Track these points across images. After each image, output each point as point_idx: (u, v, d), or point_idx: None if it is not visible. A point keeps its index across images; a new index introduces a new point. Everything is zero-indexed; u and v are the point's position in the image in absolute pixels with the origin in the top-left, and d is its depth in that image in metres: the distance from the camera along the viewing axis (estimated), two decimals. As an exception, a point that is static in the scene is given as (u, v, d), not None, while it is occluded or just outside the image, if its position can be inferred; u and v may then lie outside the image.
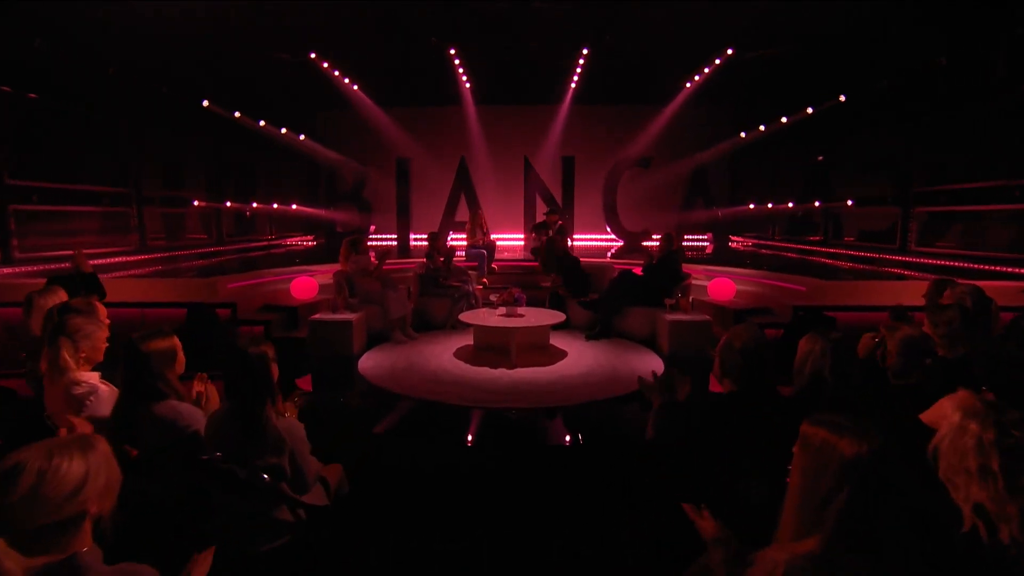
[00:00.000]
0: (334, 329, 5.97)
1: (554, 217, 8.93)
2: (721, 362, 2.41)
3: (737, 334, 2.37)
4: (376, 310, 6.55)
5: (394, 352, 6.12)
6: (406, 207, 11.66)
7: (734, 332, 2.39)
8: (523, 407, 4.64)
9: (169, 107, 8.74)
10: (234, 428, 2.40)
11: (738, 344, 2.34)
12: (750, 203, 11.63)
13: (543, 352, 6.05)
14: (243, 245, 10.52)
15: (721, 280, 6.87)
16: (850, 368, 2.50)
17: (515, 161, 11.82)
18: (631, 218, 11.72)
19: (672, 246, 6.74)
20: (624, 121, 12.02)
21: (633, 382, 5.16)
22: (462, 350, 6.17)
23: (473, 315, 6.25)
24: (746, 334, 2.35)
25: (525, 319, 5.96)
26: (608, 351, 6.17)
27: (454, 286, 7.34)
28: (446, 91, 11.27)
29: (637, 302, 6.63)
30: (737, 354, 2.33)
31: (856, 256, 8.84)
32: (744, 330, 2.37)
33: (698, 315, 6.22)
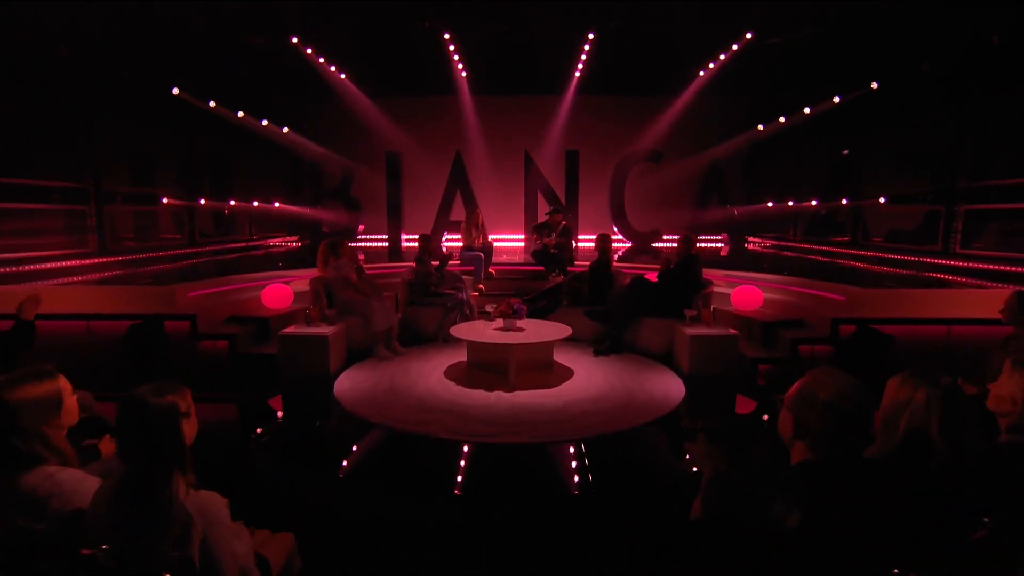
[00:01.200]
0: (307, 345, 5.37)
1: (557, 217, 8.36)
2: (796, 420, 1.79)
3: (822, 383, 1.74)
4: (358, 322, 5.96)
5: (376, 370, 5.52)
6: (397, 206, 11.36)
7: (817, 380, 1.76)
8: (523, 442, 4.02)
9: (133, 94, 8.13)
10: (126, 508, 1.79)
11: (824, 396, 1.72)
12: (768, 201, 11.09)
13: (546, 371, 5.47)
14: (218, 247, 9.93)
15: (746, 287, 6.26)
16: (969, 428, 1.88)
17: (515, 156, 11.50)
18: (640, 217, 11.41)
19: (692, 249, 6.15)
20: (632, 113, 11.60)
21: (651, 408, 4.56)
22: (454, 368, 5.58)
23: (466, 328, 5.66)
24: (838, 385, 1.72)
25: (525, 334, 5.36)
26: (620, 370, 5.58)
27: (446, 294, 6.75)
28: (440, 80, 10.88)
29: (652, 313, 6.07)
30: (824, 412, 1.70)
31: (890, 259, 8.23)
32: (833, 379, 1.74)
33: (722, 328, 5.61)
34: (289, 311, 6.33)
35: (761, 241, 11.77)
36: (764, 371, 5.41)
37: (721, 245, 11.96)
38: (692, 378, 5.34)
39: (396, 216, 11.29)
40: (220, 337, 5.44)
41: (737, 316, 6.21)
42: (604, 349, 6.04)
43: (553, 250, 8.04)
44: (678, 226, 11.06)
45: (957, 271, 6.89)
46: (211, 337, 5.43)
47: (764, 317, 5.97)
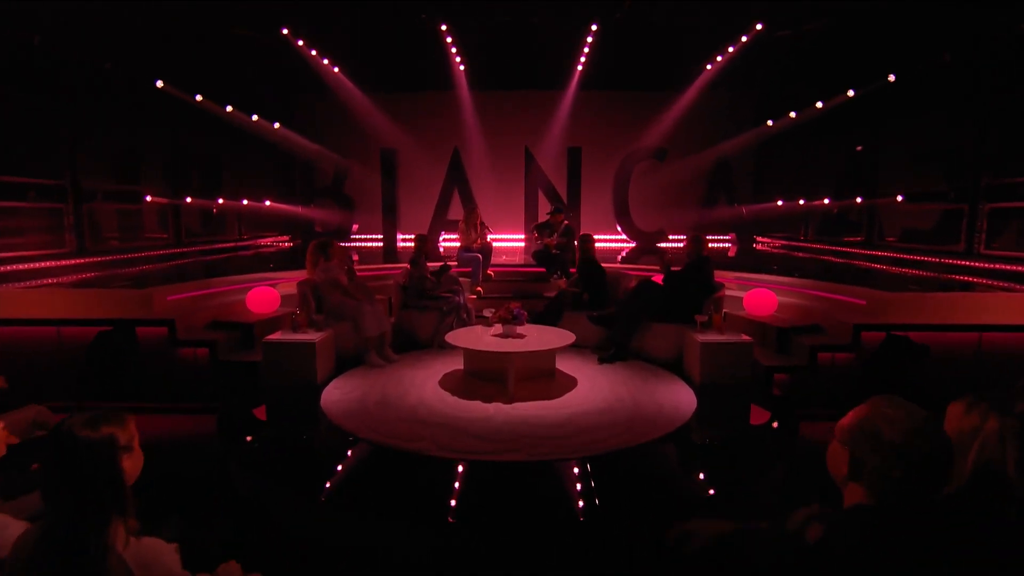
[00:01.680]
0: (293, 352, 5.10)
1: (559, 216, 8.12)
2: (854, 459, 1.51)
3: (888, 419, 1.45)
4: (348, 327, 5.69)
5: (367, 379, 5.26)
6: (392, 205, 11.22)
7: (881, 415, 1.48)
8: (522, 460, 3.75)
9: (115, 87, 7.85)
10: (51, 561, 1.53)
11: (890, 435, 1.44)
12: (778, 200, 10.85)
13: (548, 380, 5.20)
14: (205, 247, 9.66)
15: (760, 291, 6.00)
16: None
17: (515, 153, 11.34)
18: (645, 217, 11.25)
19: (702, 250, 5.88)
20: (637, 108, 11.36)
21: (661, 421, 4.29)
22: (450, 377, 5.31)
23: (463, 334, 5.40)
24: (909, 422, 1.43)
25: (526, 341, 5.10)
26: (627, 378, 5.31)
27: (442, 297, 6.49)
28: (437, 74, 10.71)
29: (660, 318, 5.79)
30: (890, 456, 1.43)
31: (908, 260, 7.96)
32: (901, 414, 1.45)
33: (735, 335, 5.34)
34: (275, 316, 6.07)
35: (770, 241, 11.54)
36: (780, 380, 5.15)
37: (729, 245, 11.72)
38: (703, 388, 5.08)
39: (391, 215, 11.12)
40: (200, 344, 5.17)
41: (750, 321, 5.95)
42: (609, 356, 5.78)
43: (555, 251, 7.83)
44: (684, 225, 11.25)
45: (982, 272, 6.63)
46: (190, 344, 5.16)
47: (779, 322, 5.71)
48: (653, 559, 1.93)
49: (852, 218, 9.89)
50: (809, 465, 3.94)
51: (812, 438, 4.36)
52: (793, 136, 10.27)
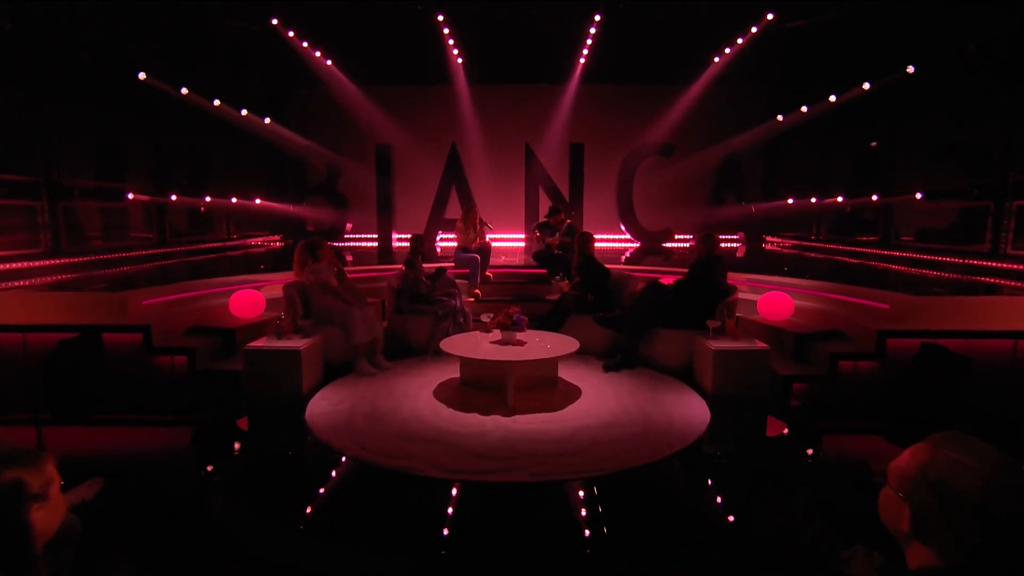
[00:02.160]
0: (277, 360, 4.83)
1: (560, 215, 7.86)
2: (917, 515, 1.23)
3: (959, 469, 1.16)
4: (337, 333, 5.44)
5: (357, 389, 4.99)
6: (388, 203, 10.95)
7: (949, 462, 1.18)
8: (523, 481, 3.48)
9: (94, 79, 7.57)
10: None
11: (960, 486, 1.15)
12: (788, 197, 10.58)
13: (550, 390, 4.95)
14: (191, 247, 9.41)
15: (775, 294, 5.72)
16: None
17: (515, 149, 11.10)
18: (650, 215, 11.03)
19: (714, 250, 5.61)
20: (642, 102, 11.19)
21: (673, 436, 4.02)
22: (445, 387, 5.05)
23: (460, 341, 5.13)
24: (986, 473, 1.15)
25: (527, 348, 4.84)
26: (635, 388, 5.05)
27: (438, 300, 6.22)
28: (434, 67, 10.54)
29: (669, 323, 5.53)
30: (964, 514, 1.14)
31: (929, 261, 7.69)
32: (975, 461, 1.16)
33: (750, 341, 5.07)
34: (260, 321, 5.79)
35: (781, 241, 11.29)
36: (798, 390, 4.88)
37: (737, 245, 11.47)
38: (716, 398, 4.81)
39: (387, 214, 10.85)
40: (177, 351, 4.91)
41: (765, 326, 5.68)
42: (615, 364, 5.52)
43: (556, 251, 7.57)
44: (690, 225, 11.03)
45: (1010, 274, 6.35)
46: (167, 351, 4.90)
47: (796, 328, 5.44)
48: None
49: (866, 217, 9.64)
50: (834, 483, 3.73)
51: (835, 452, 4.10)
52: (805, 131, 10.04)
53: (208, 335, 5.31)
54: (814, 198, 10.07)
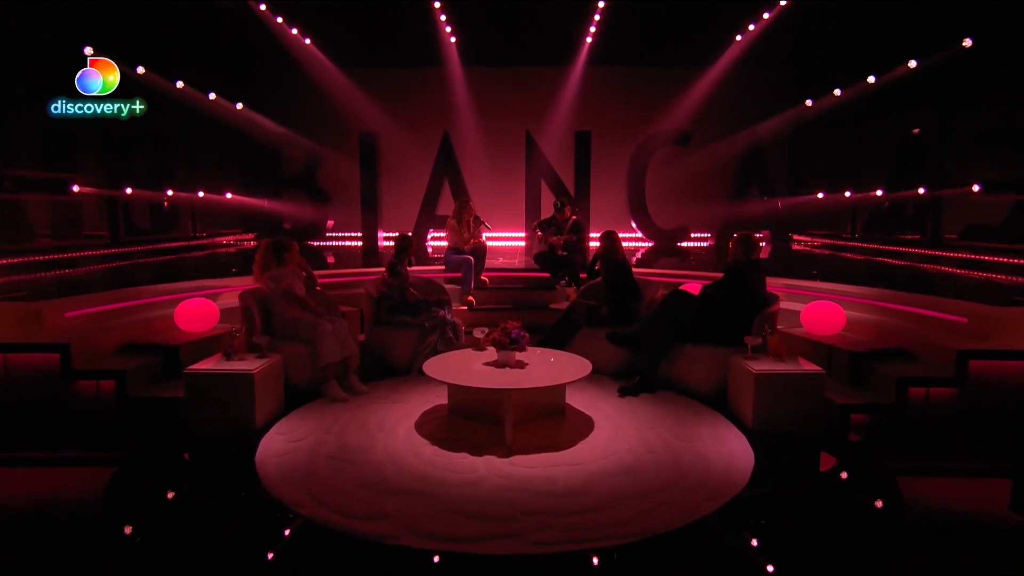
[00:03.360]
0: (224, 386, 4.17)
1: (566, 211, 7.29)
2: None
3: None
4: (303, 351, 4.79)
5: (324, 420, 4.33)
6: (373, 197, 10.68)
7: None
8: (524, 553, 2.80)
9: (30, 55, 6.95)
10: None
11: None
12: (818, 191, 10.33)
13: (557, 421, 4.30)
14: (149, 247, 8.88)
15: (823, 303, 5.08)
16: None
17: (514, 138, 10.71)
18: (664, 211, 10.85)
19: (752, 252, 4.96)
20: (655, 86, 11.12)
21: (714, 486, 3.37)
22: (430, 417, 4.40)
23: (448, 362, 4.49)
24: None
25: (528, 372, 4.19)
26: (658, 419, 4.39)
27: (422, 305, 5.59)
28: (425, 47, 10.47)
29: (697, 338, 4.88)
30: None
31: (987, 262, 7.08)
32: None
33: (799, 364, 4.40)
34: (213, 335, 5.13)
35: (810, 240, 10.95)
36: (859, 423, 4.23)
37: (763, 244, 11.07)
38: (759, 433, 4.14)
39: (372, 210, 10.58)
40: (104, 375, 4.23)
41: (810, 342, 5.02)
42: (632, 387, 4.88)
43: (561, 252, 6.99)
44: (709, 222, 10.95)
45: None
46: (91, 375, 4.23)
47: (851, 345, 4.77)
48: None
49: (907, 213, 9.14)
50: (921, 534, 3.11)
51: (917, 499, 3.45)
52: (837, 117, 9.70)
53: (146, 354, 4.63)
54: (848, 192, 9.71)
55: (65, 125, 8.05)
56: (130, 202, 9.02)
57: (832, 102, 9.43)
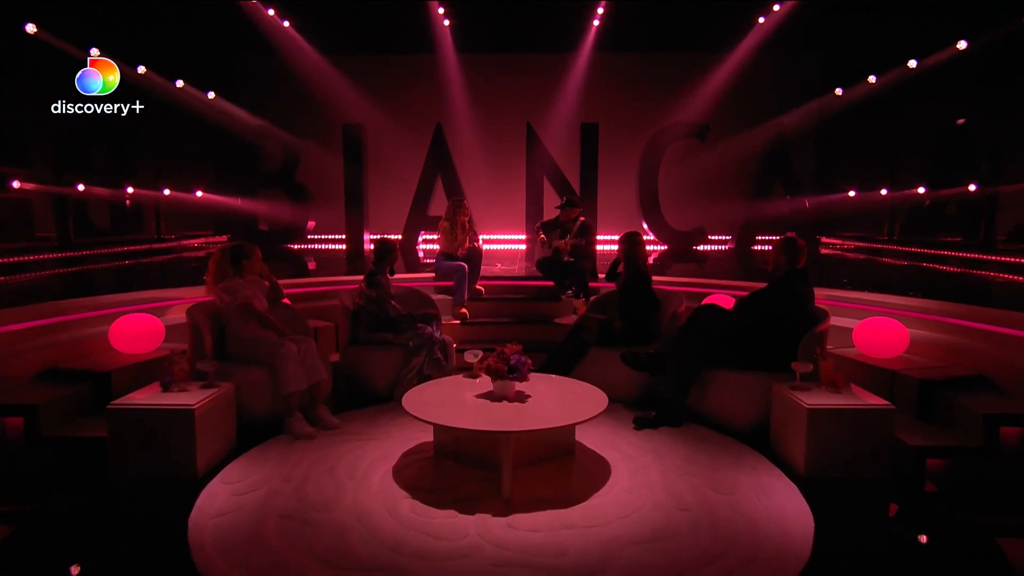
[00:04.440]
0: (158, 426, 3.55)
1: (572, 211, 6.74)
2: None
3: None
4: (261, 377, 4.20)
5: (283, 464, 3.72)
6: (359, 196, 10.09)
7: None
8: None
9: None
10: None
11: None
12: (849, 189, 9.99)
13: (565, 464, 3.70)
14: (105, 250, 8.48)
15: (881, 321, 4.49)
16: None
17: (514, 131, 10.19)
18: (679, 211, 10.29)
19: (797, 259, 4.37)
20: (670, 74, 11.01)
21: (765, 558, 2.74)
22: (411, 460, 3.79)
23: (433, 392, 3.90)
24: None
25: (530, 408, 3.60)
26: (686, 460, 3.80)
27: (409, 321, 5.00)
28: (416, 32, 10.35)
29: (733, 362, 4.30)
30: None
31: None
32: None
33: (859, 395, 3.77)
34: (156, 356, 4.53)
35: (840, 243, 10.70)
36: (936, 469, 3.62)
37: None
38: (813, 481, 3.53)
39: (357, 209, 9.99)
40: (13, 409, 3.61)
41: (867, 367, 4.41)
42: (652, 420, 4.30)
43: (567, 258, 6.48)
44: (729, 223, 10.64)
45: None
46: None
47: (919, 371, 4.16)
48: None
49: (949, 212, 8.72)
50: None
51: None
52: (870, 107, 9.40)
53: (69, 382, 4.03)
54: (884, 190, 9.41)
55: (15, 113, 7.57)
56: (88, 201, 8.50)
57: (866, 90, 9.12)
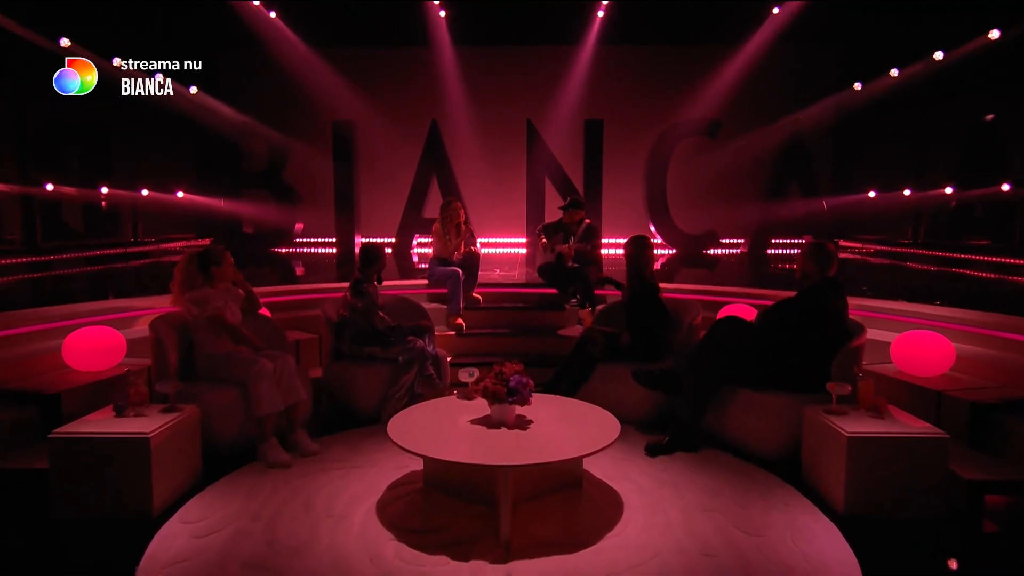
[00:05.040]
0: (108, 457, 3.21)
1: (577, 213, 6.46)
2: None
3: None
4: (233, 398, 3.87)
5: (253, 500, 3.39)
6: (349, 197, 10.30)
7: None
8: None
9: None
10: None
11: None
12: (869, 190, 9.85)
13: (571, 499, 3.36)
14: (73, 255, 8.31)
15: (923, 335, 4.17)
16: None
17: (514, 128, 10.41)
18: (689, 213, 10.32)
19: (829, 266, 4.03)
20: (679, 68, 10.94)
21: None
22: (399, 492, 3.44)
23: (422, 416, 3.57)
24: None
25: (531, 437, 3.28)
26: (708, 493, 3.46)
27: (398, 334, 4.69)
28: (410, 25, 10.30)
29: (758, 382, 3.96)
30: None
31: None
32: None
33: (906, 422, 3.43)
34: (115, 375, 4.22)
35: (860, 247, 10.46)
36: (996, 506, 3.30)
37: None
38: (853, 520, 3.19)
39: (348, 211, 10.22)
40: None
41: (907, 386, 4.08)
42: (666, 445, 3.96)
43: (572, 263, 6.20)
44: (742, 226, 10.52)
45: None
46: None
47: (969, 392, 3.83)
48: None
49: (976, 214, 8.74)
50: None
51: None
52: (892, 102, 9.24)
53: (13, 405, 3.71)
54: (908, 190, 9.20)
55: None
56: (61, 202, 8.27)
57: (887, 84, 8.95)
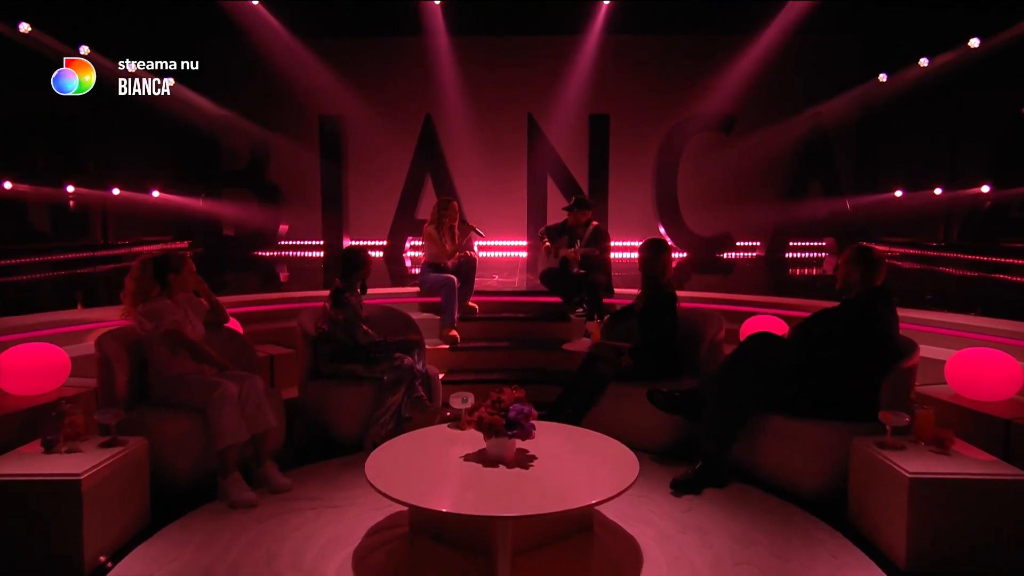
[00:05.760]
0: (31, 502, 2.83)
1: (583, 214, 6.15)
2: None
3: None
4: (191, 425, 3.50)
5: (207, 550, 3.01)
6: (337, 196, 10.29)
7: None
8: None
9: None
10: None
11: None
12: (895, 189, 9.75)
13: (581, 548, 2.99)
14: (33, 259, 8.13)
15: (982, 352, 3.80)
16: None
17: (513, 123, 10.46)
18: (702, 214, 10.24)
19: (876, 275, 3.65)
20: (690, 60, 10.90)
21: None
22: (380, 539, 3.06)
23: (407, 451, 3.17)
24: None
25: (535, 479, 2.89)
26: (740, 541, 3.07)
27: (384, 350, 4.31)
28: (403, 13, 10.29)
29: (796, 407, 3.57)
30: None
31: None
32: None
33: (977, 458, 3.03)
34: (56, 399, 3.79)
35: (888, 250, 10.27)
36: None
37: (824, 255, 10.61)
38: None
39: (336, 211, 10.23)
40: None
41: (965, 412, 3.70)
42: (693, 480, 3.57)
43: (578, 269, 5.88)
44: (758, 227, 10.41)
45: None
46: None
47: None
48: None
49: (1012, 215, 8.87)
50: None
51: None
52: (920, 95, 9.03)
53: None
54: (938, 189, 9.09)
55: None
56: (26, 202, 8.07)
57: (915, 75, 8.80)
